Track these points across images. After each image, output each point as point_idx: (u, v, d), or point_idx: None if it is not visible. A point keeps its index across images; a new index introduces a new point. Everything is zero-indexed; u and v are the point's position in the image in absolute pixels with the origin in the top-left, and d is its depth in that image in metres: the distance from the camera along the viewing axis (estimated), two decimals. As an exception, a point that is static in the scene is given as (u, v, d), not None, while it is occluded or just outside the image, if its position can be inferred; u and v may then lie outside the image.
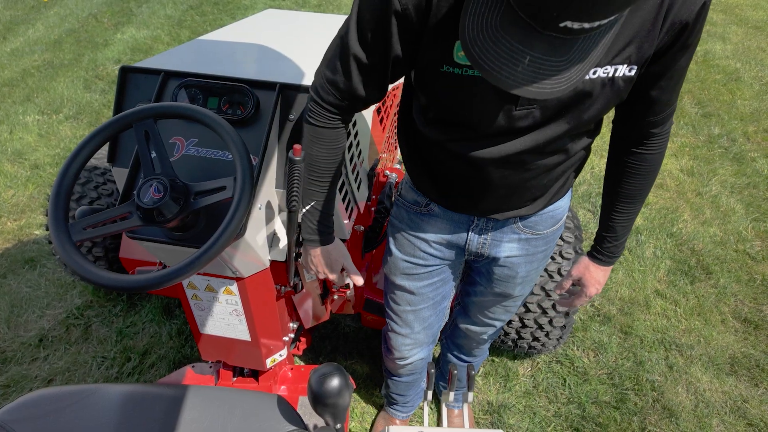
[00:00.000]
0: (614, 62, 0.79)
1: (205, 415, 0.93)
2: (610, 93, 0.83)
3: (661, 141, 0.97)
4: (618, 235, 1.09)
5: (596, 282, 1.16)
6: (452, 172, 1.01)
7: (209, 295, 1.30)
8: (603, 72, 0.80)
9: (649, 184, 1.03)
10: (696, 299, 2.25)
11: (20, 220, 2.79)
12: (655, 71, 0.84)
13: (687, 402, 1.87)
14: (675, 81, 0.87)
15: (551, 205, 1.10)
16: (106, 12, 5.48)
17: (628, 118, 0.96)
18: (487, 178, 0.97)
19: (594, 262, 1.15)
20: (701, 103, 3.63)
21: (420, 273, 1.22)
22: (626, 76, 0.81)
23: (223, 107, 1.16)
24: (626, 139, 0.99)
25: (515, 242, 1.14)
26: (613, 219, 1.08)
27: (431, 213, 1.14)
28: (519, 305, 1.34)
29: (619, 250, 1.12)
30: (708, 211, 2.73)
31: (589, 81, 0.80)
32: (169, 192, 0.91)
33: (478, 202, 1.05)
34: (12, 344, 2.13)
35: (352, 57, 0.86)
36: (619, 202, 1.06)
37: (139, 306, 2.26)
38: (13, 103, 3.91)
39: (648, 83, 0.86)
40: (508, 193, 1.01)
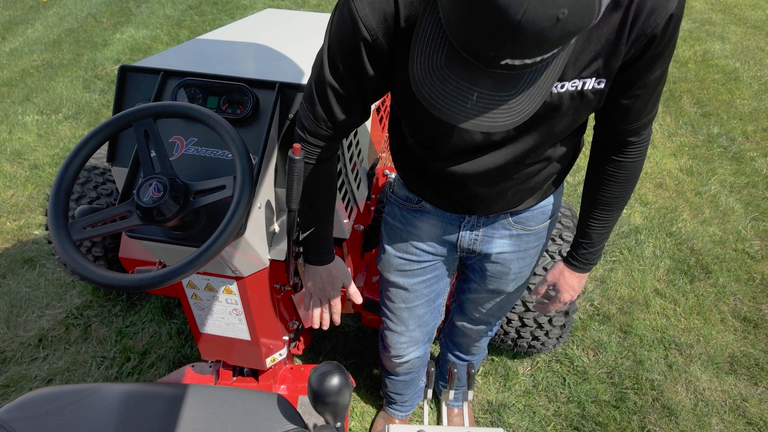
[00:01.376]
0: (582, 76, 0.79)
1: (205, 414, 0.92)
2: (580, 105, 0.84)
3: (639, 149, 0.97)
4: (594, 242, 1.08)
5: (570, 288, 1.15)
6: (439, 182, 1.04)
7: (209, 294, 1.30)
8: (571, 86, 0.80)
9: (626, 193, 1.03)
10: (695, 298, 2.25)
11: (19, 220, 2.78)
12: (627, 81, 0.83)
13: (686, 401, 1.87)
14: (650, 90, 0.86)
15: (542, 201, 1.11)
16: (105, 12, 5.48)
17: (605, 126, 0.96)
18: (472, 189, 1.00)
19: (569, 268, 1.14)
20: (700, 103, 3.64)
21: (413, 269, 1.23)
22: (595, 89, 0.81)
23: (223, 106, 1.16)
24: (605, 146, 0.99)
25: (507, 238, 1.15)
26: (589, 226, 1.07)
27: (423, 210, 1.15)
28: (513, 302, 1.35)
29: (594, 257, 1.11)
30: (707, 210, 2.73)
31: (557, 95, 0.81)
32: (169, 191, 0.91)
33: (467, 206, 1.07)
34: (11, 344, 2.13)
35: (329, 87, 0.87)
36: (596, 209, 1.05)
37: (138, 306, 2.26)
38: (12, 103, 3.91)
39: (621, 92, 0.86)
40: (495, 199, 1.03)
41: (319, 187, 1.04)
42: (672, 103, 3.64)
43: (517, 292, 1.29)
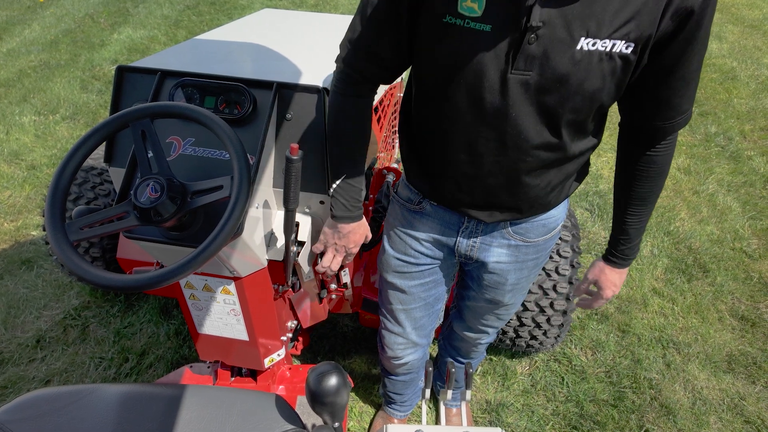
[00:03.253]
0: (613, 37, 0.79)
1: (203, 414, 0.92)
2: (607, 71, 0.82)
3: (669, 143, 0.97)
4: (631, 237, 1.09)
5: (612, 284, 1.16)
6: (445, 158, 1.00)
7: (207, 294, 1.30)
8: (601, 45, 0.79)
9: (659, 186, 1.03)
10: (693, 297, 2.25)
11: (17, 221, 2.78)
12: (664, 66, 0.83)
13: (684, 400, 1.87)
14: (686, 83, 0.85)
15: (544, 214, 1.10)
16: (103, 12, 5.47)
17: (636, 122, 0.95)
18: (479, 161, 0.96)
19: (609, 266, 1.15)
20: (698, 102, 3.64)
21: (411, 272, 1.23)
22: (623, 53, 0.80)
23: (220, 106, 1.16)
24: (634, 142, 0.99)
25: (505, 248, 1.14)
26: (626, 222, 1.08)
27: (423, 211, 1.14)
28: (511, 314, 1.34)
29: (633, 251, 1.12)
30: (705, 209, 2.74)
31: (587, 52, 0.80)
32: (166, 191, 0.91)
33: (468, 191, 1.03)
34: (9, 345, 2.12)
35: (370, 8, 0.89)
36: (630, 206, 1.06)
37: (136, 306, 2.25)
38: (9, 103, 3.90)
39: (658, 81, 0.85)
40: (499, 184, 0.99)
41: (352, 127, 1.03)
42: (669, 103, 3.65)
43: (515, 303, 1.28)
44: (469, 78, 0.86)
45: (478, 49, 0.83)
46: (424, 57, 0.91)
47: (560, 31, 0.79)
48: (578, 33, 0.79)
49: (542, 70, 0.82)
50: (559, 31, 0.79)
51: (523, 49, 0.80)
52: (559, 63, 0.81)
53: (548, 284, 1.69)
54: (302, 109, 1.18)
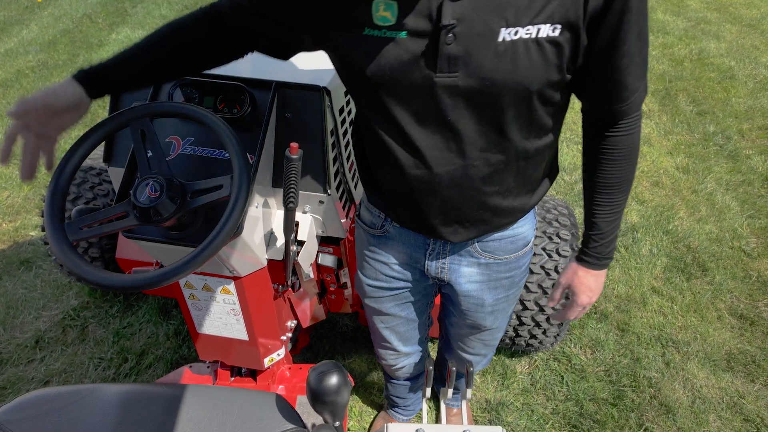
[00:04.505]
0: (535, 22, 0.75)
1: (204, 414, 0.92)
2: (538, 59, 0.78)
3: (631, 122, 0.91)
4: (603, 232, 1.00)
5: (587, 289, 1.06)
6: (396, 175, 0.95)
7: (206, 294, 1.30)
8: (525, 33, 0.75)
9: (626, 172, 0.95)
10: (692, 296, 2.26)
11: (15, 222, 2.77)
12: (604, 44, 0.79)
13: (684, 398, 1.88)
14: (630, 59, 0.81)
15: (509, 229, 1.05)
16: (101, 12, 5.46)
17: (593, 107, 0.91)
18: (429, 173, 0.91)
19: (582, 266, 1.04)
20: (696, 101, 3.65)
21: (385, 296, 1.20)
22: (551, 37, 0.76)
23: (219, 106, 1.15)
24: (594, 125, 0.94)
25: (475, 266, 1.09)
26: (595, 214, 0.99)
27: (387, 235, 1.10)
28: (497, 338, 1.30)
29: (607, 250, 1.02)
30: (703, 208, 2.74)
31: (510, 43, 0.76)
32: (166, 191, 0.91)
33: (427, 207, 0.97)
34: (8, 346, 2.12)
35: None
36: (597, 194, 0.98)
37: (135, 307, 2.25)
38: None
39: (602, 61, 0.81)
40: (455, 195, 0.94)
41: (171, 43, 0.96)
42: (668, 102, 3.65)
43: (499, 326, 1.24)
44: (398, 88, 0.83)
45: (399, 58, 0.80)
46: (354, 73, 0.88)
47: (477, 25, 0.75)
48: (497, 24, 0.75)
49: (468, 69, 0.78)
50: (476, 25, 0.76)
51: (443, 50, 0.77)
52: (484, 59, 0.77)
53: (548, 283, 1.69)
54: (301, 109, 1.18)
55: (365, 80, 0.85)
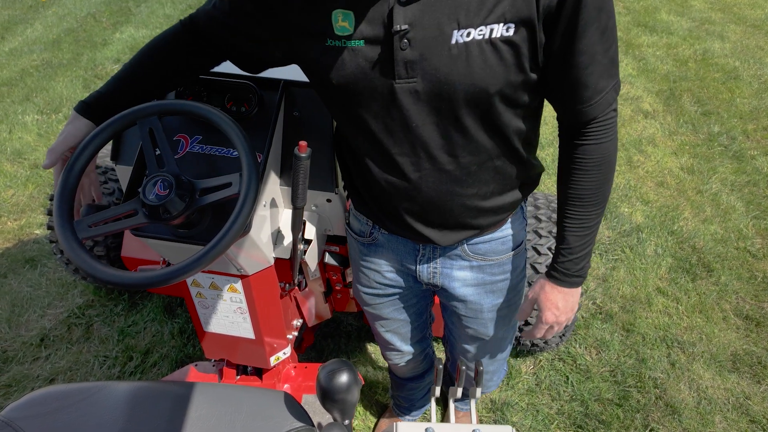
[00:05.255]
0: (488, 21, 0.74)
1: (212, 412, 0.92)
2: (493, 59, 0.76)
3: (602, 130, 0.86)
4: (572, 247, 0.94)
5: (553, 306, 0.99)
6: (376, 183, 0.95)
7: (213, 293, 1.30)
8: (477, 34, 0.74)
9: (599, 184, 0.90)
10: (697, 297, 2.25)
11: (20, 220, 2.78)
12: (562, 41, 0.77)
13: (689, 399, 1.87)
14: (590, 57, 0.78)
15: (498, 231, 1.03)
16: (105, 11, 5.47)
17: (559, 109, 0.89)
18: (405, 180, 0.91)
19: (550, 282, 0.99)
20: (700, 102, 3.64)
21: (382, 302, 1.20)
22: (504, 36, 0.74)
23: (227, 104, 1.15)
24: (566, 132, 0.91)
25: (467, 270, 1.07)
26: (565, 227, 0.94)
27: (377, 243, 1.10)
28: (506, 351, 1.25)
29: (577, 267, 0.96)
30: (708, 209, 2.74)
31: (463, 45, 0.75)
32: (175, 189, 0.91)
33: (410, 213, 0.96)
34: (13, 344, 2.13)
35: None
36: (568, 206, 0.93)
37: (140, 305, 2.25)
38: (12, 102, 3.90)
39: (562, 60, 0.79)
40: (434, 200, 0.93)
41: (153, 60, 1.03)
42: (672, 102, 3.64)
43: (506, 336, 1.20)
44: (363, 97, 0.83)
45: (360, 67, 0.81)
46: (323, 84, 0.88)
47: (430, 29, 0.75)
48: (449, 27, 0.75)
49: (425, 73, 0.78)
50: (428, 29, 0.75)
51: (398, 56, 0.77)
52: (438, 62, 0.77)
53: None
54: (309, 107, 1.18)
55: (333, 90, 0.86)
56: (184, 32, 1.02)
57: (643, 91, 3.76)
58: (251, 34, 0.93)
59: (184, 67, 1.05)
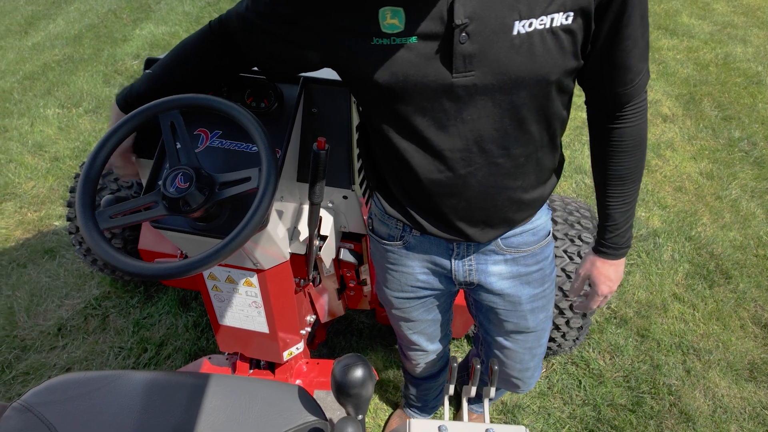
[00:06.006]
0: (549, 11, 0.75)
1: (227, 403, 0.93)
2: (553, 48, 0.78)
3: (637, 113, 0.91)
4: (618, 222, 1.01)
5: (606, 279, 1.07)
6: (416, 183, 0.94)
7: (229, 286, 1.31)
8: (539, 23, 0.76)
9: (636, 162, 0.96)
10: (715, 304, 2.22)
11: (40, 211, 2.83)
12: (609, 27, 0.80)
13: (705, 407, 1.84)
14: (633, 41, 0.81)
15: (528, 223, 1.04)
16: (125, 8, 5.54)
17: (597, 93, 0.91)
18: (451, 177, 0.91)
19: (600, 257, 1.06)
20: (721, 106, 3.58)
21: (412, 305, 1.19)
22: (564, 25, 0.76)
23: (247, 100, 1.16)
24: (601, 116, 0.94)
25: (502, 264, 1.07)
26: (608, 206, 1.01)
27: (408, 246, 1.08)
28: (543, 344, 1.24)
29: (623, 240, 1.03)
30: (727, 215, 2.69)
31: (525, 35, 0.76)
32: (195, 182, 0.92)
33: (450, 214, 0.96)
34: (31, 332, 2.17)
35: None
36: (609, 186, 0.99)
37: (155, 298, 2.28)
38: (34, 96, 3.97)
39: (607, 45, 0.82)
40: (479, 195, 0.93)
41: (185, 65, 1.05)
42: (692, 106, 3.59)
43: (544, 327, 1.20)
44: (413, 94, 0.83)
45: (412, 63, 0.80)
46: (365, 85, 0.87)
47: (491, 21, 0.75)
48: (510, 18, 0.75)
49: (484, 66, 0.78)
50: (488, 22, 0.75)
51: (457, 50, 0.77)
52: (499, 54, 0.77)
53: (568, 286, 1.68)
54: (328, 104, 1.19)
55: (378, 90, 0.84)
56: (213, 36, 1.01)
57: (662, 94, 3.71)
58: (287, 37, 0.91)
59: (212, 70, 1.06)
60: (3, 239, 2.66)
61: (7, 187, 3.02)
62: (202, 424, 0.90)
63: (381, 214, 1.09)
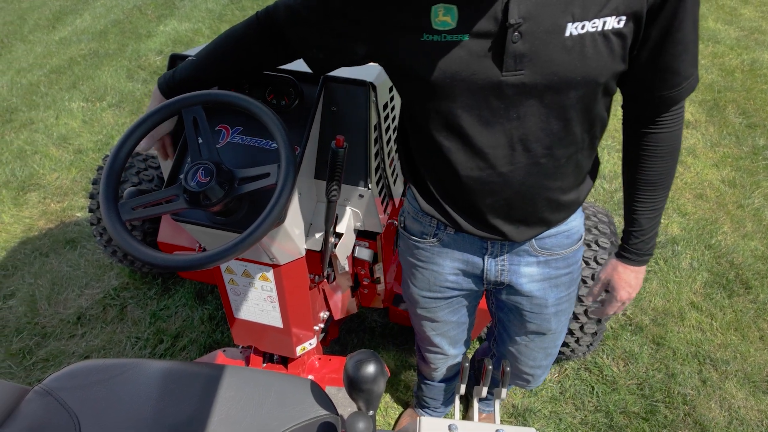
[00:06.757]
0: (602, 14, 0.76)
1: (241, 395, 0.95)
2: (604, 51, 0.79)
3: (675, 118, 0.91)
4: (644, 228, 1.01)
5: (627, 284, 1.07)
6: (456, 181, 0.94)
7: (245, 280, 1.33)
8: (591, 26, 0.76)
9: (668, 168, 0.96)
10: (733, 314, 2.18)
11: (63, 202, 2.89)
12: (661, 31, 0.79)
13: (720, 418, 1.82)
14: (684, 46, 0.81)
15: (563, 224, 1.04)
16: (150, 4, 5.63)
17: (639, 97, 0.90)
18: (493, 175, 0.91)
19: (622, 262, 1.06)
20: (746, 113, 3.51)
21: (439, 305, 1.19)
22: (616, 29, 0.77)
23: (268, 97, 1.18)
24: (639, 119, 0.94)
25: (534, 266, 1.08)
26: (636, 210, 1.00)
27: (442, 243, 1.08)
28: (558, 345, 1.26)
29: (648, 247, 1.03)
30: (749, 224, 2.64)
31: (577, 37, 0.77)
32: (215, 177, 0.94)
33: (488, 213, 0.97)
34: (52, 320, 2.22)
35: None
36: (639, 191, 0.98)
37: (172, 290, 2.32)
38: (60, 89, 4.06)
39: (658, 48, 0.81)
40: (519, 194, 0.93)
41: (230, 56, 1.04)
42: (716, 113, 3.53)
43: (561, 330, 1.21)
44: (461, 91, 0.83)
45: (462, 61, 0.80)
46: (412, 81, 0.87)
47: (544, 22, 0.76)
48: (563, 20, 0.76)
49: (535, 66, 0.79)
50: (542, 22, 0.76)
51: (509, 49, 0.78)
52: (551, 55, 0.78)
53: (583, 291, 1.67)
54: (347, 103, 1.20)
55: (424, 86, 0.85)
56: (259, 27, 1.00)
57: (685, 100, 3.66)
58: (336, 30, 0.91)
59: (254, 62, 1.05)
60: (27, 228, 2.73)
61: (31, 177, 3.09)
62: (217, 414, 0.92)
63: (415, 211, 1.10)
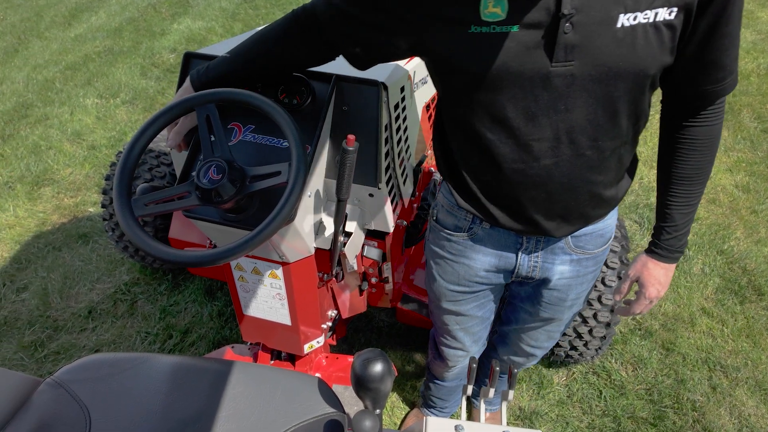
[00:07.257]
0: (654, 6, 0.76)
1: (249, 391, 0.96)
2: (655, 42, 0.78)
3: (717, 112, 0.91)
4: (677, 224, 0.99)
5: (656, 282, 1.05)
6: (497, 174, 0.93)
7: (255, 277, 1.33)
8: (643, 17, 0.76)
9: (707, 163, 0.95)
10: (745, 320, 2.16)
11: (76, 197, 2.93)
12: (709, 23, 0.79)
13: (730, 425, 1.80)
14: (731, 40, 0.82)
15: (600, 222, 1.04)
16: (165, 2, 5.68)
17: (681, 90, 0.90)
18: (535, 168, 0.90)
19: (653, 259, 1.04)
20: (761, 118, 3.47)
21: (466, 299, 1.19)
22: (667, 20, 0.77)
23: (280, 96, 1.19)
24: (680, 112, 0.93)
25: (567, 264, 1.07)
26: (670, 205, 0.99)
27: (476, 238, 1.07)
28: (563, 330, 1.27)
29: (680, 243, 1.01)
30: (763, 230, 2.61)
31: (629, 28, 0.76)
32: (227, 174, 0.94)
33: (528, 206, 0.95)
34: (63, 314, 2.25)
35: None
36: (675, 185, 0.97)
37: (182, 286, 2.34)
38: (74, 86, 4.11)
39: (705, 41, 0.81)
40: (562, 188, 0.92)
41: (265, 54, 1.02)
42: (731, 117, 3.49)
43: (569, 318, 1.22)
44: (505, 82, 0.83)
45: (511, 52, 0.80)
46: (457, 73, 0.86)
47: (596, 13, 0.76)
48: (615, 11, 0.76)
49: (585, 57, 0.78)
50: (594, 13, 0.76)
51: (560, 39, 0.77)
52: (602, 46, 0.77)
53: (593, 294, 1.66)
54: (358, 102, 1.20)
55: (470, 78, 0.84)
56: (298, 24, 0.98)
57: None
58: (379, 24, 0.89)
59: (290, 60, 1.03)
60: (40, 223, 2.77)
61: (46, 172, 3.13)
62: (225, 409, 0.93)
63: (450, 205, 1.09)
